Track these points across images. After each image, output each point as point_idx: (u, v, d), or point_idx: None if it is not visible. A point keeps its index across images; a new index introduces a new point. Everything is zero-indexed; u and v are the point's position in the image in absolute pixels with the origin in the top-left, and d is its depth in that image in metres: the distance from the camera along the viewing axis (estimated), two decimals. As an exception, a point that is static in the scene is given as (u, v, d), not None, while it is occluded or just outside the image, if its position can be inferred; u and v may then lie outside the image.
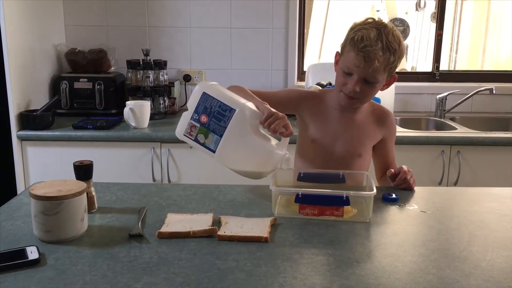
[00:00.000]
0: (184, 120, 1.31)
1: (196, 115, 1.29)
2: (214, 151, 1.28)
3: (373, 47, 1.34)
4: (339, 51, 1.48)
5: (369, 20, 1.41)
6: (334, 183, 1.40)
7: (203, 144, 1.29)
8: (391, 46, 1.37)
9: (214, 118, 1.26)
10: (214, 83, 1.32)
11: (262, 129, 1.29)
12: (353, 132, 1.54)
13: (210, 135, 1.27)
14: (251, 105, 1.28)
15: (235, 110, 1.24)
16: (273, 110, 1.26)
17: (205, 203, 1.33)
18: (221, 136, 1.25)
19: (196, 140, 1.29)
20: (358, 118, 1.54)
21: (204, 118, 1.27)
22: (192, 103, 1.30)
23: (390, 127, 1.59)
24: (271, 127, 1.24)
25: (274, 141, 1.28)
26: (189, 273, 0.93)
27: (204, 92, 1.28)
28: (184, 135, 1.31)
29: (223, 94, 1.28)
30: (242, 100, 1.27)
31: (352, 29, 1.42)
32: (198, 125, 1.28)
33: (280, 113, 1.26)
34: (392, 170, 1.46)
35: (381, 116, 1.58)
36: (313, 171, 1.46)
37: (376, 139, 1.57)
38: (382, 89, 1.48)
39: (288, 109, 1.56)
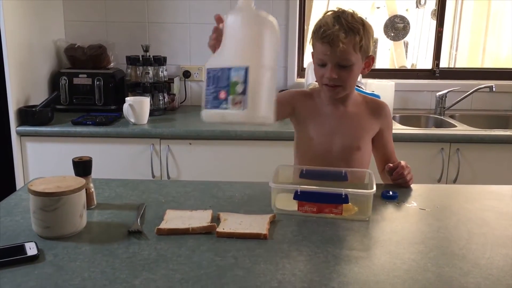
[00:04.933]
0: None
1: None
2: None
3: (331, 30, 1.37)
4: (312, 52, 1.50)
5: (328, 12, 1.45)
6: (336, 181, 1.40)
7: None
8: (353, 27, 1.39)
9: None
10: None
11: None
12: (349, 125, 1.54)
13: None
14: None
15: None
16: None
17: (204, 199, 1.32)
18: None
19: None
20: (351, 111, 1.55)
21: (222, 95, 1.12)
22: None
23: (386, 118, 1.60)
24: None
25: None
26: (188, 270, 0.93)
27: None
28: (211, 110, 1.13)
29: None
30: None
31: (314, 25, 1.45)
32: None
33: None
34: (391, 164, 1.46)
35: (376, 108, 1.58)
36: (315, 168, 1.46)
37: (373, 130, 1.57)
38: (363, 72, 1.50)
39: (283, 112, 1.55)
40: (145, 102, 2.36)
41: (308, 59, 2.89)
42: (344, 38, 1.37)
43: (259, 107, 1.12)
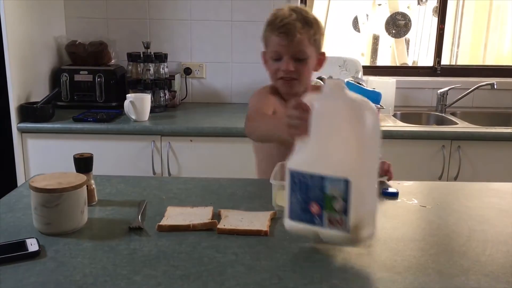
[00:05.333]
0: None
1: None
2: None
3: (288, 19, 1.38)
4: (264, 50, 1.48)
5: (281, 8, 1.46)
6: None
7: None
8: (308, 19, 1.40)
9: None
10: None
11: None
12: None
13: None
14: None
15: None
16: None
17: (205, 196, 1.33)
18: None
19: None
20: None
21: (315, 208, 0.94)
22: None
23: None
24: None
25: None
26: (189, 266, 0.94)
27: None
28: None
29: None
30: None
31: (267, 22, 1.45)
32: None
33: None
34: None
35: None
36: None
37: None
38: (315, 69, 1.49)
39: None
40: (146, 99, 2.36)
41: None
42: (301, 28, 1.38)
43: (362, 228, 0.92)
